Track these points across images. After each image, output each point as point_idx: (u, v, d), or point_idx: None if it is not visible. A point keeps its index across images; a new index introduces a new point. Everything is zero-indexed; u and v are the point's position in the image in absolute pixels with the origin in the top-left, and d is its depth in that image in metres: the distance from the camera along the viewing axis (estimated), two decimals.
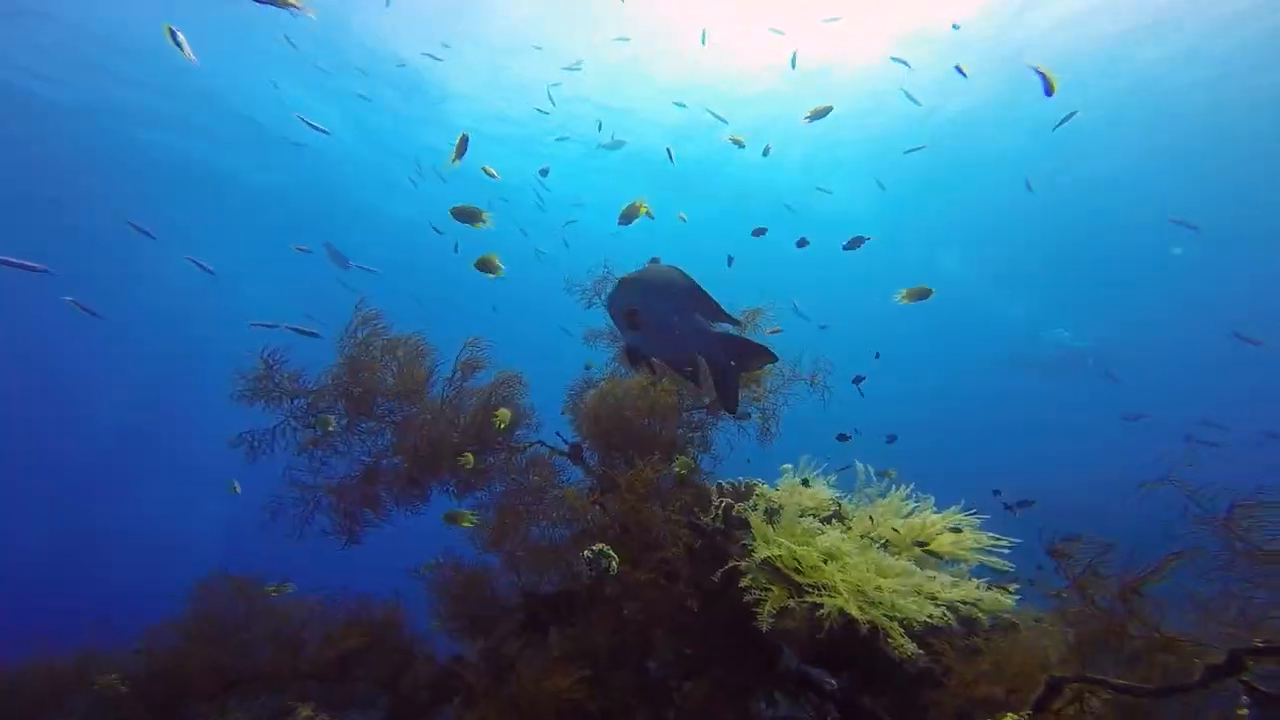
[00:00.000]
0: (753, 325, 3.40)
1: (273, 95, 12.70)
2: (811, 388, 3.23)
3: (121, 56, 11.24)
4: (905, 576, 2.27)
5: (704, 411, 3.60)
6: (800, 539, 2.60)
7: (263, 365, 2.67)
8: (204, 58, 11.29)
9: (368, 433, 3.11)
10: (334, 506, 3.08)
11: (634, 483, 2.43)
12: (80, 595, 16.15)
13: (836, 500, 3.63)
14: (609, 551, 2.18)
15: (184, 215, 17.22)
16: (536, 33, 11.01)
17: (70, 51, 10.88)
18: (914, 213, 18.82)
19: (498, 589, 2.87)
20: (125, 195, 15.14)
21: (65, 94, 12.02)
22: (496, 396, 3.24)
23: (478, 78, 12.62)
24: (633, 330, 2.32)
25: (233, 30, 10.77)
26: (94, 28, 10.43)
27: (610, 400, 2.84)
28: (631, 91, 12.91)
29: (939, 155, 15.01)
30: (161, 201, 16.26)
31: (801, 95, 12.84)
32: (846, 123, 14.20)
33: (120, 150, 14.21)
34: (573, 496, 2.50)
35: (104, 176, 14.95)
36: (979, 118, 14.21)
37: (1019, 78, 12.12)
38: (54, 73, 11.40)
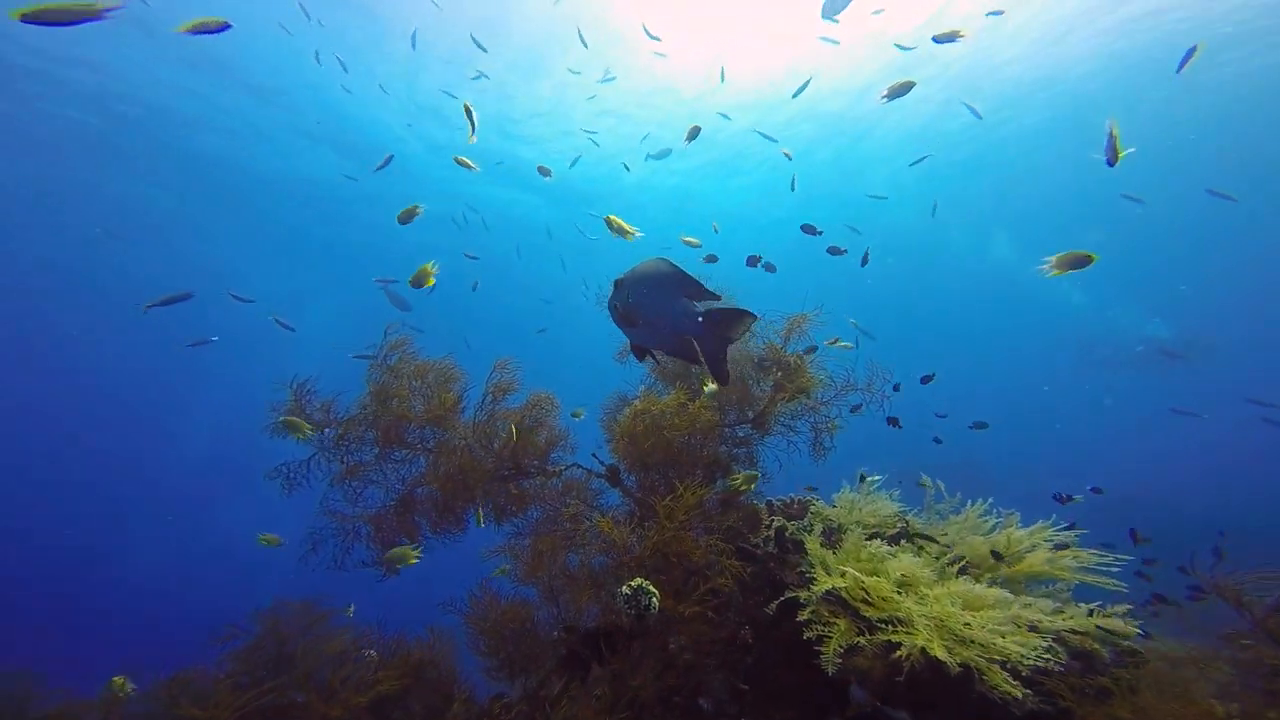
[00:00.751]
0: (799, 332, 3.15)
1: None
2: (867, 398, 2.92)
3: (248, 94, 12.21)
4: (1000, 608, 1.94)
5: (749, 426, 3.36)
6: (867, 564, 2.30)
7: (292, 397, 2.65)
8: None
9: (401, 461, 3.05)
10: (372, 537, 3.02)
11: (674, 510, 2.22)
12: (185, 604, 17.30)
13: (902, 516, 3.28)
14: (649, 587, 1.97)
15: (254, 250, 18.51)
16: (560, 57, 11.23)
17: (188, 80, 11.81)
18: (959, 197, 17.77)
19: (537, 622, 2.71)
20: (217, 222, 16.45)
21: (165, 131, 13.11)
22: (529, 419, 3.12)
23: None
24: (631, 327, 2.38)
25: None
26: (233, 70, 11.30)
27: (646, 419, 2.66)
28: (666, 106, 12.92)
29: (982, 138, 14.23)
30: (235, 234, 17.50)
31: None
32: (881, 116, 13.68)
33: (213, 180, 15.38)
34: (608, 527, 2.32)
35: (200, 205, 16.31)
36: (1021, 94, 13.34)
37: (1065, 56, 11.37)
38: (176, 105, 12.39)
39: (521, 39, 10.76)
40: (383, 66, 11.10)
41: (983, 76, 12.28)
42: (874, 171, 15.75)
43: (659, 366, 3.75)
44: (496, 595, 2.67)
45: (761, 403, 3.32)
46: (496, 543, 3.09)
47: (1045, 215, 19.08)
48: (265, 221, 17.02)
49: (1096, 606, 2.08)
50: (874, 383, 2.93)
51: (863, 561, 2.30)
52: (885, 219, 17.55)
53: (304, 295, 22.37)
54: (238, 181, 14.68)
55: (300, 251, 19.02)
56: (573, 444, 3.42)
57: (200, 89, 11.39)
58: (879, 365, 2.91)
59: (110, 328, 21.87)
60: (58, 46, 9.89)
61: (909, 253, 20.79)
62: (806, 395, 3.07)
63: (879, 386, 2.93)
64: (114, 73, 10.60)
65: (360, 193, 15.53)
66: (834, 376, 2.98)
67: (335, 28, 9.98)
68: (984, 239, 21.10)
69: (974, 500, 3.02)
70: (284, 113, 12.35)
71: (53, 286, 18.73)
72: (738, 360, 3.47)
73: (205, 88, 11.37)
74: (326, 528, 3.04)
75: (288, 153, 13.76)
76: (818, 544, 2.42)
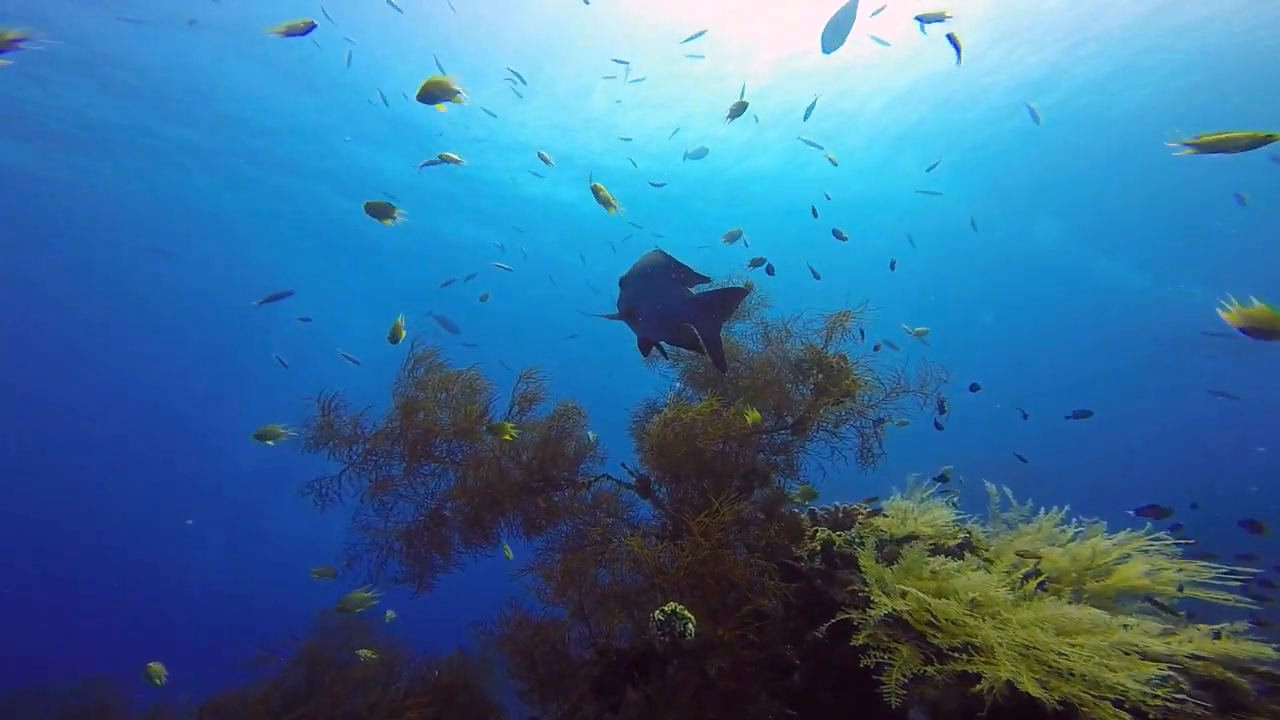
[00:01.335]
0: (841, 329, 2.94)
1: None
2: (920, 400, 2.68)
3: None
4: (1100, 633, 1.67)
5: (788, 432, 3.16)
6: (930, 583, 2.07)
7: (320, 412, 2.64)
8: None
9: (431, 475, 3.00)
10: (403, 552, 2.98)
11: (710, 527, 2.06)
12: (241, 611, 18.17)
13: (963, 526, 3.00)
14: (683, 613, 1.82)
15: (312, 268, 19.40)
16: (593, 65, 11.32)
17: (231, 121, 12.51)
18: (998, 183, 16.83)
19: (569, 642, 2.58)
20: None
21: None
22: (556, 430, 3.02)
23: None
24: (634, 321, 2.40)
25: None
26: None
27: (676, 428, 2.51)
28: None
29: (1019, 118, 13.46)
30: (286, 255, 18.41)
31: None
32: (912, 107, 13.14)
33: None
34: (639, 547, 2.17)
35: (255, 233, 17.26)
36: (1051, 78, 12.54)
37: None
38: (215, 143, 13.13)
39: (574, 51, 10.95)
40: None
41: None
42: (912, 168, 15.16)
43: (689, 371, 3.60)
44: (526, 615, 2.56)
45: (801, 407, 3.12)
46: (526, 557, 3.00)
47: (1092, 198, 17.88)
48: (307, 232, 17.75)
49: (1222, 627, 1.78)
50: (927, 384, 2.68)
51: (925, 580, 2.07)
52: (929, 216, 16.80)
53: (346, 306, 23.25)
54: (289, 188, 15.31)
55: (342, 261, 19.72)
56: (602, 453, 3.31)
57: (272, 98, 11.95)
58: (932, 364, 2.66)
59: (160, 342, 23.29)
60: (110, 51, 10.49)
61: (962, 246, 19.87)
62: (851, 399, 2.85)
63: (933, 388, 2.67)
64: (163, 78, 11.19)
65: (416, 199, 15.94)
66: (881, 378, 2.74)
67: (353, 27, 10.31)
68: (1028, 224, 19.84)
69: (1047, 507, 2.72)
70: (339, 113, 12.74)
71: (113, 304, 20.08)
72: (773, 363, 3.27)
73: (276, 94, 11.91)
74: (361, 542, 3.02)
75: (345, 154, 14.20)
76: (872, 559, 2.20)
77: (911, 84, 12.40)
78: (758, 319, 3.50)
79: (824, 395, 2.93)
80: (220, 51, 10.47)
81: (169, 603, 21.62)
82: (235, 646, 3.06)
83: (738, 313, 3.40)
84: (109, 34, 9.75)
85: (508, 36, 10.70)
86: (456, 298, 14.38)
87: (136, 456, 27.13)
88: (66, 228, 15.86)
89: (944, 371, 2.67)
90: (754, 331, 3.47)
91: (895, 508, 3.44)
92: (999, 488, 2.77)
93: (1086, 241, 20.16)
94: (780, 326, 3.23)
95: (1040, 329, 25.23)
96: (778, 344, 3.25)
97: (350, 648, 6.66)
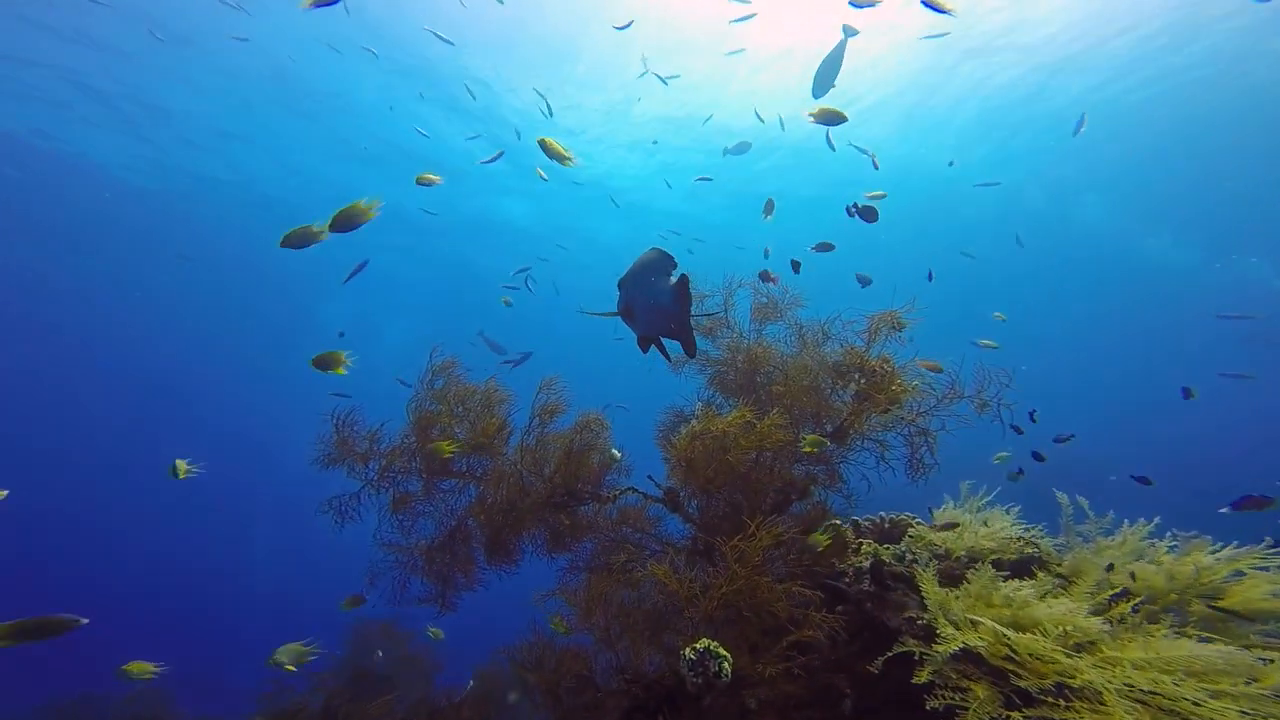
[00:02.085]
0: (887, 332, 2.69)
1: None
2: (977, 406, 2.40)
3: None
4: (1235, 672, 1.39)
5: (827, 440, 2.92)
6: (1004, 611, 1.81)
7: (335, 430, 2.56)
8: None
9: (451, 492, 2.89)
10: (425, 569, 2.88)
11: (746, 553, 1.86)
12: (290, 618, 18.69)
13: (1029, 539, 2.70)
14: (717, 649, 1.62)
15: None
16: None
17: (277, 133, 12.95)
18: (1036, 160, 15.85)
19: (595, 669, 2.42)
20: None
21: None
22: (579, 443, 2.87)
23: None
24: (633, 320, 2.40)
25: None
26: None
27: (706, 441, 2.31)
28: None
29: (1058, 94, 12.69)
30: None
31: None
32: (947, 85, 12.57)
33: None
34: (667, 576, 1.99)
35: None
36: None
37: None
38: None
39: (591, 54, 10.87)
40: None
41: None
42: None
43: (718, 377, 3.40)
44: (550, 642, 2.40)
45: (841, 414, 2.88)
46: (549, 577, 2.85)
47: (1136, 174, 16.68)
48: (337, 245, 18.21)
49: None
50: (984, 389, 2.41)
51: (997, 607, 1.81)
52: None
53: (378, 316, 23.78)
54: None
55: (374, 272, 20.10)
56: (628, 464, 3.14)
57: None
58: (989, 366, 2.39)
59: (209, 354, 24.27)
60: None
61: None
62: (898, 405, 2.60)
63: (992, 392, 2.40)
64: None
65: (442, 210, 16.22)
66: (933, 383, 2.48)
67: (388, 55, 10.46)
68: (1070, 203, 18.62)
69: (1131, 519, 2.40)
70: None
71: (157, 318, 21.02)
72: (810, 367, 3.04)
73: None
74: (384, 559, 2.94)
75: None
76: (934, 582, 1.96)
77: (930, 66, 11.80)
78: (791, 320, 3.28)
79: (867, 401, 2.69)
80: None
81: (219, 610, 22.49)
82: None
83: (771, 313, 3.21)
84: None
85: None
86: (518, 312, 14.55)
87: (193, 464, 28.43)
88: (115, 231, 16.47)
89: (1004, 376, 2.38)
90: (787, 334, 3.25)
91: (946, 517, 3.15)
92: (1071, 497, 2.47)
93: (1132, 218, 18.83)
94: (816, 328, 3.01)
95: (1089, 313, 23.77)
96: (814, 347, 3.02)
97: (389, 660, 6.63)
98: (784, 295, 3.38)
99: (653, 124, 13.39)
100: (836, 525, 2.68)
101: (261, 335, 24.41)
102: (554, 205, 16.57)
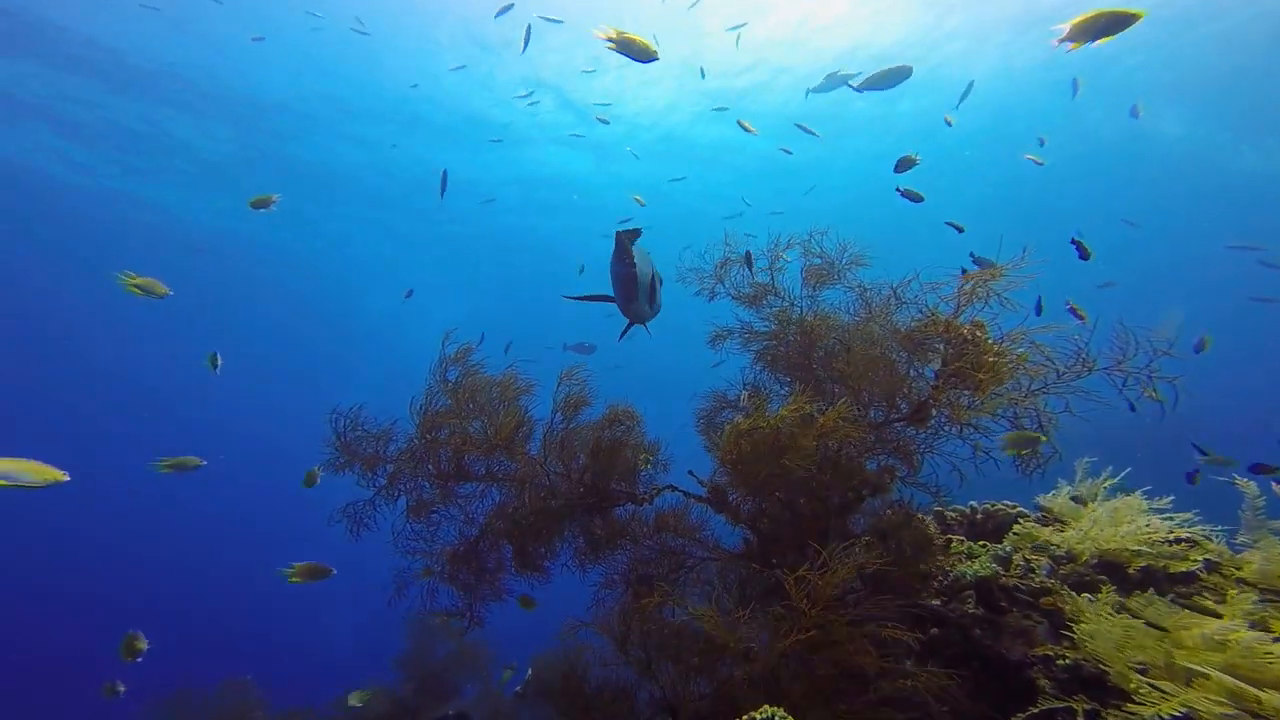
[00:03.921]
0: (983, 293, 2.13)
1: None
2: (1118, 381, 1.83)
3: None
4: None
5: (904, 424, 2.42)
6: (1213, 655, 1.30)
7: (335, 435, 2.31)
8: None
9: (473, 496, 2.61)
10: (450, 579, 2.64)
11: (818, 589, 1.44)
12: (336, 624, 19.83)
13: (1192, 537, 2.12)
14: (784, 716, 1.23)
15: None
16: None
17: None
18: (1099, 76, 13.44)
19: (636, 705, 2.10)
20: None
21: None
22: (606, 438, 2.51)
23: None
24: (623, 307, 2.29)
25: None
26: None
27: (755, 438, 1.88)
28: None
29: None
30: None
31: None
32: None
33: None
34: (713, 623, 1.60)
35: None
36: None
37: None
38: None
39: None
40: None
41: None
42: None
43: (768, 353, 2.92)
44: (585, 672, 2.10)
45: (922, 392, 2.36)
46: (582, 591, 2.55)
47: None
48: (392, 232, 18.38)
49: None
50: (1127, 358, 1.82)
51: (1232, 652, 1.30)
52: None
53: (430, 298, 24.06)
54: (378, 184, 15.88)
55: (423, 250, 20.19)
56: (665, 458, 2.77)
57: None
58: (1132, 329, 1.80)
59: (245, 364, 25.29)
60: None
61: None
62: (998, 381, 2.06)
63: (1134, 362, 1.81)
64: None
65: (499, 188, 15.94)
66: (1051, 354, 1.92)
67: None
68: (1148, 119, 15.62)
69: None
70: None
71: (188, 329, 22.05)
72: (877, 338, 2.53)
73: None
74: (409, 567, 2.73)
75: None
76: (1095, 611, 1.46)
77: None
78: (853, 282, 2.75)
79: (954, 378, 2.16)
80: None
81: (292, 607, 23.69)
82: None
83: (828, 276, 2.72)
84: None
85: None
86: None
87: (269, 461, 30.27)
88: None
89: (1134, 339, 1.77)
90: (848, 300, 2.72)
91: (1065, 508, 2.57)
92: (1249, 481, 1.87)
93: (1222, 129, 15.80)
94: (887, 292, 2.47)
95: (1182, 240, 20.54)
96: (883, 314, 2.50)
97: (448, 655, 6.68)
98: (841, 254, 2.84)
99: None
100: (915, 515, 2.22)
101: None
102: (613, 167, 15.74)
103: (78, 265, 18.05)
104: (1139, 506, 2.30)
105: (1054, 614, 1.90)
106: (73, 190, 14.67)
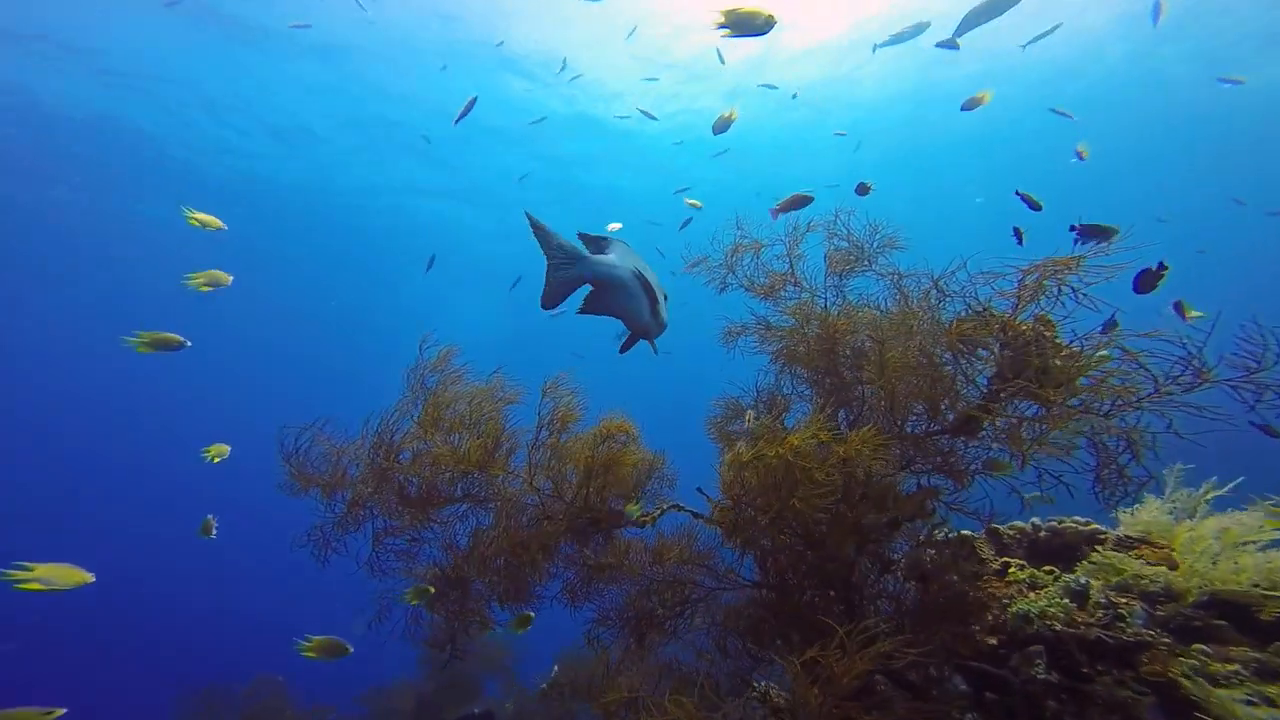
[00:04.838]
0: (1048, 287, 1.69)
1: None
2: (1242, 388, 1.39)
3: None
4: None
5: (948, 436, 2.02)
6: None
7: (285, 460, 2.06)
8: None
9: (450, 520, 2.34)
10: (430, 605, 2.39)
11: (832, 677, 1.09)
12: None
13: None
14: None
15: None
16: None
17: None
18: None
19: None
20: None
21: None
22: (599, 455, 2.19)
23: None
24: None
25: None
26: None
27: (760, 471, 1.53)
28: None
29: None
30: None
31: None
32: None
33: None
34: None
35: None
36: None
37: None
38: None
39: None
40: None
41: None
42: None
43: (786, 351, 2.54)
44: None
45: (971, 398, 1.95)
46: (574, 628, 2.26)
47: None
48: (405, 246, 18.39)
49: None
50: (1264, 366, 1.38)
51: None
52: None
53: (445, 303, 24.07)
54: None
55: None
56: (669, 473, 2.44)
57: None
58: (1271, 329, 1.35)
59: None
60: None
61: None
62: (1070, 390, 1.63)
63: (1273, 374, 1.37)
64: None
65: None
66: (1147, 358, 1.49)
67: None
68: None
69: None
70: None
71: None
72: (919, 336, 2.11)
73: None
74: (392, 589, 2.50)
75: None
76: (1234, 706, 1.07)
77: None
78: (885, 268, 2.33)
79: (1011, 384, 1.75)
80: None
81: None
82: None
83: (857, 264, 2.33)
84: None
85: None
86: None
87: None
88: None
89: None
90: (880, 291, 2.31)
91: (1158, 525, 2.11)
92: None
93: None
94: (927, 283, 2.05)
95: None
96: (925, 309, 2.08)
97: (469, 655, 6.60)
98: (872, 237, 2.43)
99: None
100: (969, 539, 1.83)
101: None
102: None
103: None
104: (1255, 525, 1.84)
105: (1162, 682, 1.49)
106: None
